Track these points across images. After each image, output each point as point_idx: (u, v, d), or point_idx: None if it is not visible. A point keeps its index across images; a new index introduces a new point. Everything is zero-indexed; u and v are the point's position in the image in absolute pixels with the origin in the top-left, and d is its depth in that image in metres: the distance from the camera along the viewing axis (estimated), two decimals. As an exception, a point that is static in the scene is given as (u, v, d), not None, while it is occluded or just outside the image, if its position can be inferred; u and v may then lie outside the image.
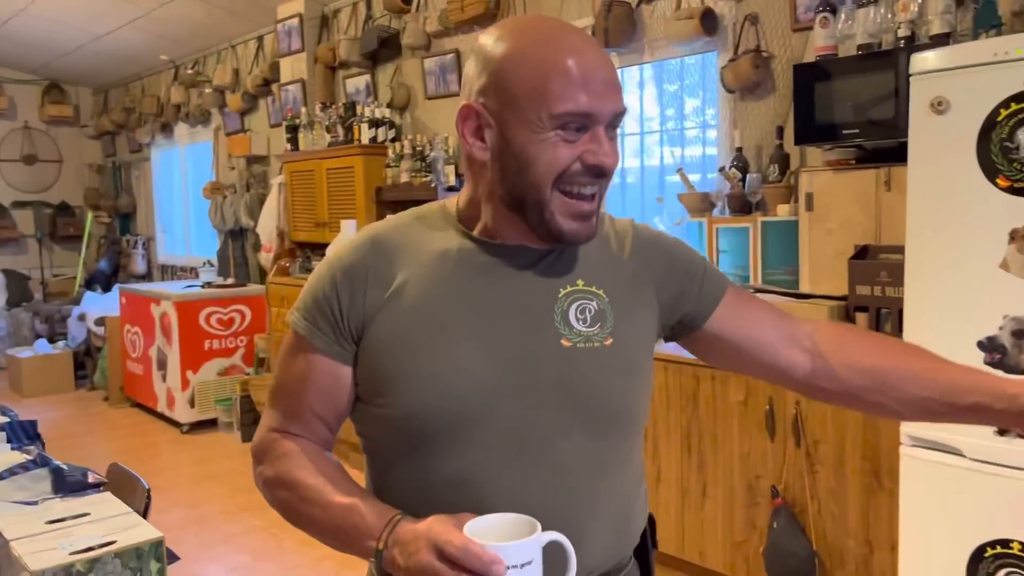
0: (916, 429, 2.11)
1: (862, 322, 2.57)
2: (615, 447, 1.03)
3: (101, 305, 6.94)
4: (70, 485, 2.01)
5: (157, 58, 7.22)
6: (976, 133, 1.96)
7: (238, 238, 6.58)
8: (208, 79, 6.69)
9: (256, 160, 6.35)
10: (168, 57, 7.14)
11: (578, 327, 1.01)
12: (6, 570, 1.22)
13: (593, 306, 1.03)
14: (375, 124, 4.75)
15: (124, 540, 1.16)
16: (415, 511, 0.97)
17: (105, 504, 1.31)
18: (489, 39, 1.01)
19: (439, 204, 1.11)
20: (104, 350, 6.46)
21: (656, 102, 3.83)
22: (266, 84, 5.98)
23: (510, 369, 0.98)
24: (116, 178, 8.65)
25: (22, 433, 2.39)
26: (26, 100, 8.48)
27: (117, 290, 6.52)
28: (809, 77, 2.72)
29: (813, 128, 2.73)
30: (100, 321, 6.57)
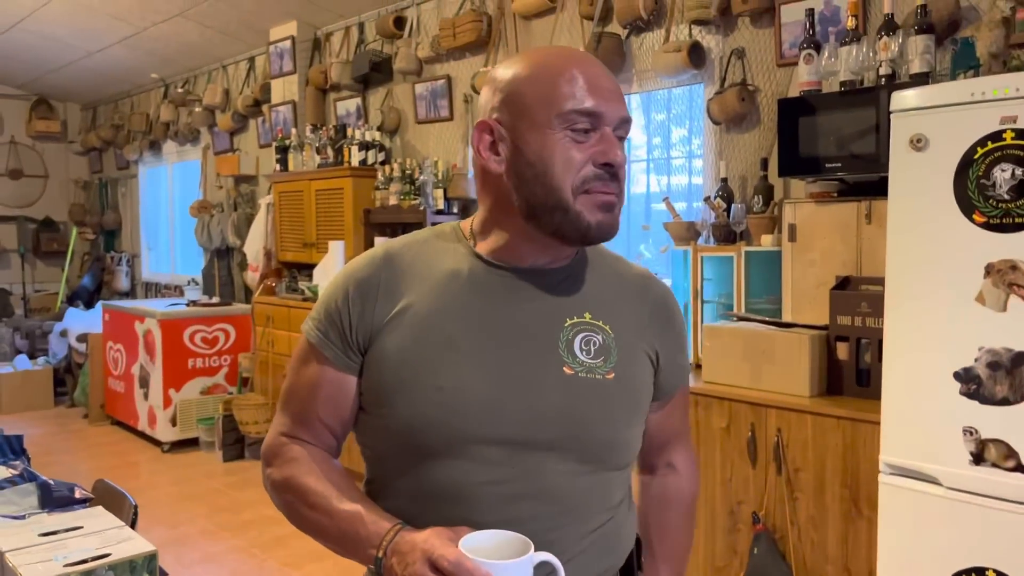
0: (894, 457, 2.15)
1: (843, 352, 2.62)
2: (604, 475, 1.06)
3: (84, 322, 6.90)
4: (57, 500, 2.01)
5: (147, 76, 7.24)
6: (953, 170, 2.02)
7: (224, 257, 6.58)
8: (198, 98, 6.72)
9: (244, 180, 6.37)
10: (158, 75, 7.17)
11: (582, 357, 1.04)
12: (-2, 582, 1.24)
13: (598, 339, 1.06)
14: (365, 147, 4.79)
15: (118, 553, 1.17)
16: (408, 521, 0.99)
17: (97, 518, 1.32)
18: (501, 68, 1.07)
19: (453, 224, 1.15)
20: (85, 367, 6.42)
21: (643, 131, 3.90)
22: (256, 105, 6.02)
23: (511, 390, 1.01)
24: (102, 194, 8.64)
25: (7, 448, 2.39)
26: (13, 115, 8.47)
27: (100, 307, 6.49)
28: (793, 111, 2.79)
29: (797, 161, 2.79)
30: (82, 338, 6.53)
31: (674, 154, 3.80)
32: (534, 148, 1.02)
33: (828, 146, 2.71)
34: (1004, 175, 1.94)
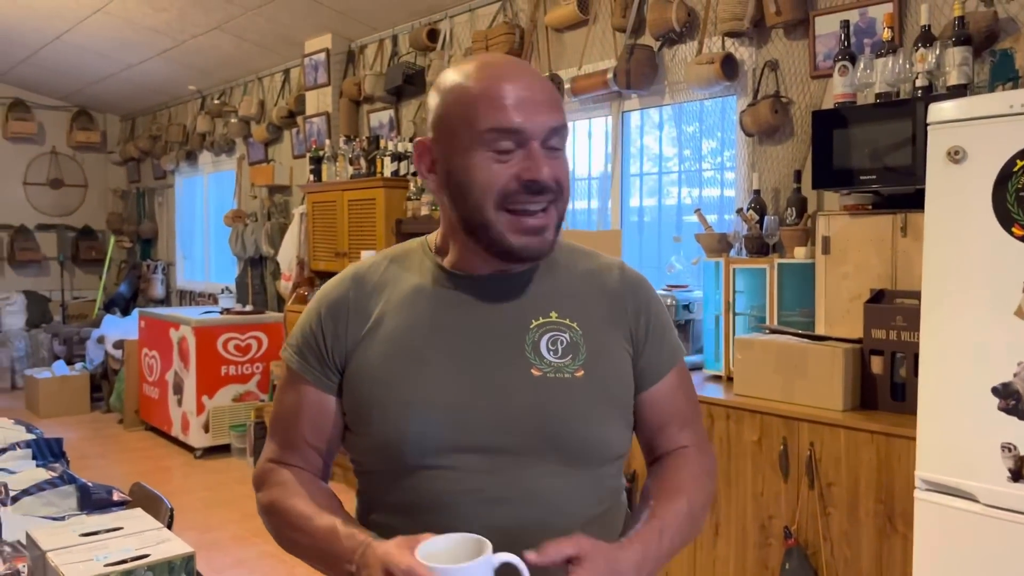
0: (931, 473, 2.13)
1: (877, 366, 2.59)
2: (588, 473, 1.05)
3: (120, 328, 7.02)
4: (95, 503, 2.05)
5: (185, 88, 7.38)
6: (992, 183, 2.00)
7: (257, 266, 6.67)
8: (234, 109, 6.83)
9: (278, 190, 6.46)
10: (196, 87, 7.30)
11: (549, 357, 1.04)
12: (41, 581, 1.27)
13: (565, 338, 1.06)
14: (397, 158, 4.84)
15: (157, 554, 1.20)
16: (400, 532, 1.01)
17: (137, 519, 1.35)
18: (438, 82, 1.08)
19: (420, 240, 1.17)
20: (121, 373, 6.53)
21: (674, 143, 3.90)
22: (291, 116, 6.11)
23: (480, 397, 1.02)
24: (139, 204, 8.79)
25: (47, 451, 2.44)
26: (55, 126, 8.67)
27: (136, 314, 6.60)
28: (828, 123, 2.77)
29: (831, 173, 2.77)
30: (118, 344, 6.65)
31: (705, 166, 3.79)
32: (460, 168, 1.02)
33: (863, 158, 2.69)
34: (1044, 188, 1.92)
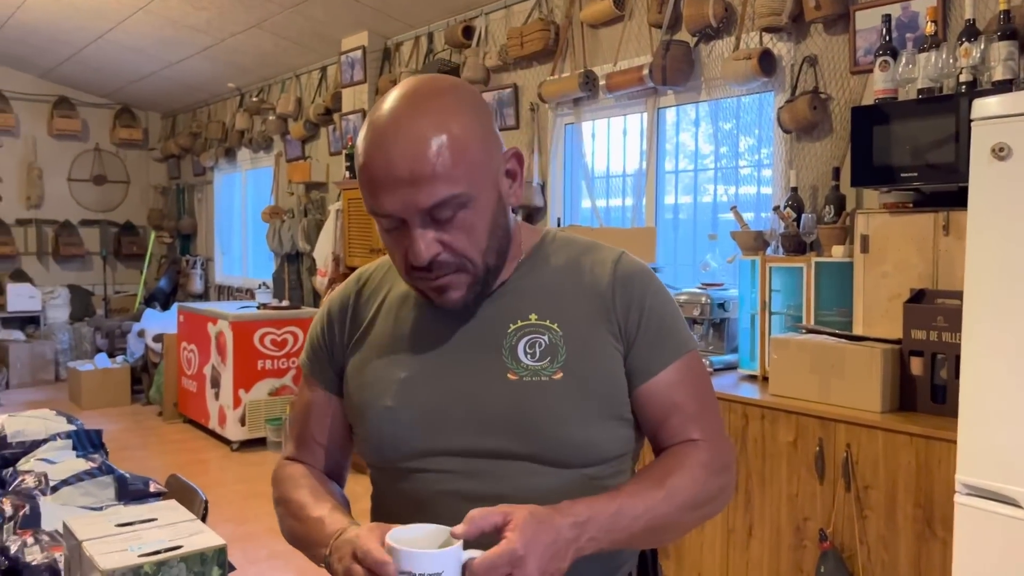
0: (972, 477, 2.08)
1: (917, 367, 2.54)
2: (577, 475, 1.02)
3: (160, 322, 7.14)
4: (132, 493, 2.09)
5: (224, 86, 7.48)
6: (1038, 180, 1.95)
7: (294, 262, 6.74)
8: (272, 107, 6.91)
9: (315, 186, 6.51)
10: (235, 85, 7.40)
11: (526, 361, 1.02)
12: (77, 569, 1.29)
13: (544, 340, 1.03)
14: (432, 155, 4.85)
15: (189, 545, 1.21)
16: None
17: (171, 511, 1.37)
18: None
19: None
20: (160, 366, 6.64)
21: (710, 140, 3.86)
22: (327, 113, 6.16)
23: (456, 402, 1.02)
24: (179, 200, 8.94)
25: (87, 442, 2.49)
26: (98, 123, 8.84)
27: (176, 308, 6.71)
28: (868, 119, 2.72)
29: (871, 170, 2.72)
30: (158, 338, 6.76)
31: (742, 163, 3.75)
32: (378, 232, 1.04)
33: (904, 155, 2.64)
34: (1093, 186, 1.86)
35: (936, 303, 2.55)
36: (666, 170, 4.05)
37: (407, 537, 0.88)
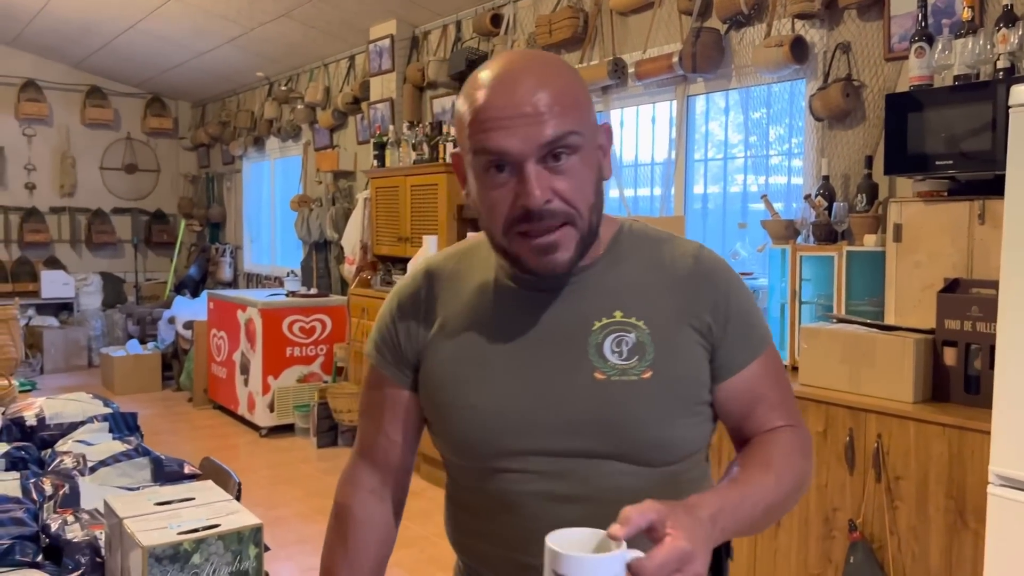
0: (1006, 468, 2.06)
1: (950, 357, 2.51)
2: (661, 473, 1.02)
3: (190, 309, 7.23)
4: (167, 475, 2.13)
5: (253, 75, 7.53)
6: (1078, 167, 1.92)
7: (322, 250, 6.79)
8: (300, 96, 6.95)
9: (343, 175, 6.55)
10: (263, 74, 7.45)
11: (613, 360, 1.00)
12: (118, 546, 1.31)
13: (631, 338, 1.01)
14: (460, 143, 4.85)
15: (227, 524, 1.24)
16: (477, 529, 1.04)
17: (208, 491, 1.39)
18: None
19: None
20: (191, 353, 6.73)
21: (740, 128, 3.83)
22: (356, 102, 6.18)
23: (543, 403, 1.00)
24: (209, 188, 9.03)
25: (123, 424, 2.53)
26: (130, 112, 8.94)
27: (205, 295, 6.79)
28: (902, 107, 2.69)
29: (905, 158, 2.69)
30: (188, 325, 6.85)
31: (772, 152, 3.71)
32: (472, 188, 1.00)
33: (939, 143, 2.60)
34: None
35: (971, 293, 2.52)
36: (695, 159, 4.02)
37: (564, 542, 0.82)
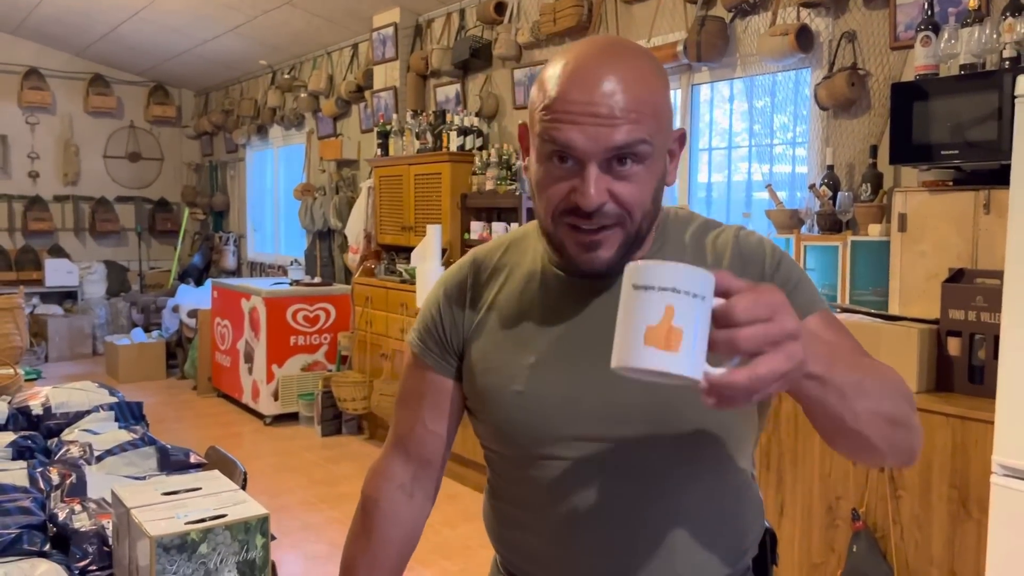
0: (1009, 459, 2.06)
1: (954, 347, 2.51)
2: (707, 461, 1.02)
3: (194, 298, 7.24)
4: (174, 464, 2.14)
5: (256, 63, 7.51)
6: (1084, 158, 1.91)
7: (325, 239, 6.79)
8: (304, 84, 6.93)
9: (346, 164, 6.54)
10: (266, 62, 7.43)
11: None
12: (125, 536, 1.32)
13: None
14: (463, 132, 4.85)
15: (234, 514, 1.24)
16: (519, 520, 1.04)
17: (214, 480, 1.40)
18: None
19: (536, 224, 1.12)
20: (195, 341, 6.74)
21: (745, 117, 3.82)
22: (359, 90, 6.17)
23: (592, 391, 0.99)
24: (212, 177, 9.02)
25: (128, 414, 2.54)
26: (133, 100, 8.93)
27: (209, 284, 6.80)
28: (908, 96, 2.68)
29: (910, 148, 2.68)
30: (192, 313, 6.86)
31: (776, 141, 3.70)
32: (532, 167, 0.99)
33: (944, 133, 2.59)
34: None
35: (975, 283, 2.52)
36: (699, 147, 4.01)
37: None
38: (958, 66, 2.62)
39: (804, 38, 3.22)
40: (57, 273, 8.14)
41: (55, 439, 2.34)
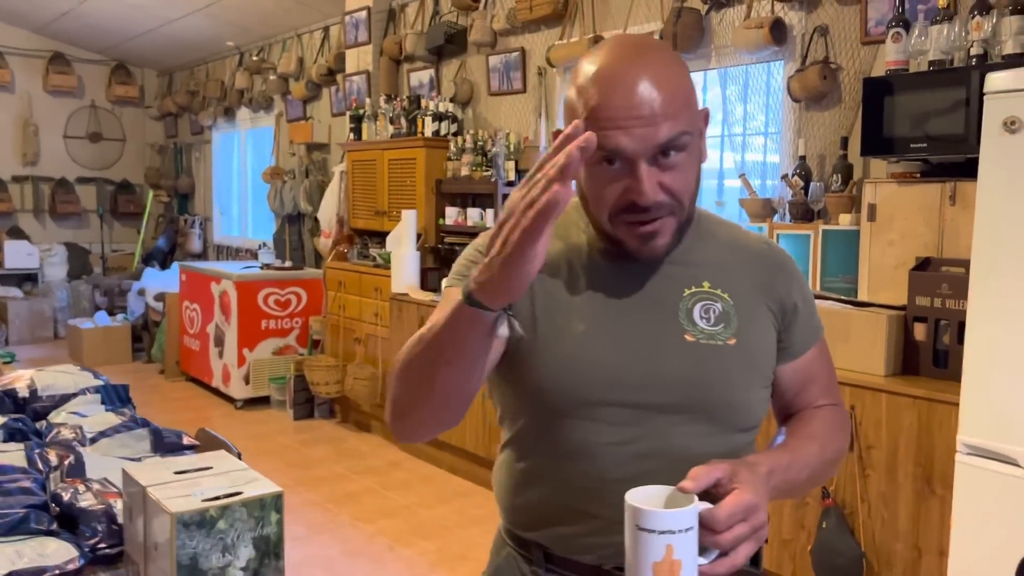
0: (973, 438, 2.17)
1: (920, 332, 2.63)
2: (730, 438, 1.09)
3: (160, 281, 7.17)
4: (167, 446, 2.16)
5: (223, 44, 7.42)
6: (1048, 153, 2.01)
7: (295, 222, 6.76)
8: (273, 66, 6.87)
9: (317, 147, 6.51)
10: (234, 44, 7.34)
11: (702, 325, 1.07)
12: (140, 514, 1.36)
13: (718, 307, 1.09)
14: (438, 118, 4.87)
15: (249, 491, 1.28)
16: (544, 477, 1.08)
17: (223, 460, 1.44)
18: (576, 64, 1.06)
19: (577, 203, 1.15)
20: (162, 325, 6.68)
21: (718, 107, 3.90)
22: (331, 74, 6.14)
23: (635, 358, 1.06)
24: (177, 159, 8.90)
25: (115, 396, 2.55)
26: (94, 80, 8.76)
27: (177, 267, 6.73)
28: (879, 90, 2.77)
29: (880, 140, 2.78)
30: (159, 297, 6.79)
31: (749, 131, 3.79)
32: (579, 172, 1.02)
33: (913, 126, 2.70)
34: (1101, 159, 1.93)
35: (941, 271, 2.63)
36: (673, 136, 4.08)
37: (641, 498, 0.89)
38: (927, 62, 2.72)
39: (778, 31, 3.31)
40: (16, 255, 7.99)
41: (43, 422, 2.35)
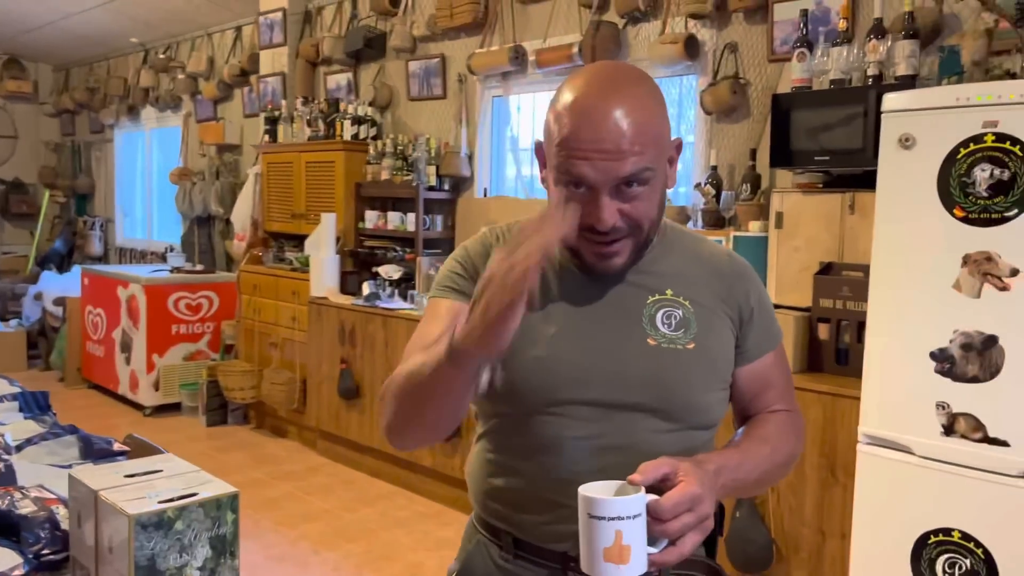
0: (872, 429, 2.36)
1: (824, 332, 2.82)
2: (689, 435, 1.17)
3: (59, 285, 6.87)
4: (97, 452, 2.12)
5: (127, 40, 7.18)
6: (938, 168, 2.21)
7: (205, 225, 6.60)
8: (181, 65, 6.70)
9: (228, 148, 6.39)
10: (138, 40, 7.12)
11: (663, 330, 1.16)
12: (89, 517, 1.36)
13: (679, 314, 1.17)
14: (357, 121, 4.87)
15: (204, 492, 1.30)
16: (514, 469, 1.15)
17: (173, 463, 1.45)
18: (559, 87, 1.14)
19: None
20: (62, 330, 6.42)
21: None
22: (243, 75, 6.04)
23: (601, 360, 1.14)
24: (75, 158, 8.54)
25: (34, 404, 2.48)
26: (-17, 73, 8.32)
27: (79, 270, 6.48)
28: (785, 106, 2.96)
29: (786, 153, 2.97)
30: (59, 301, 6.52)
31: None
32: (548, 187, 1.13)
33: (816, 140, 2.89)
34: (983, 174, 2.14)
35: (842, 275, 2.83)
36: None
37: (593, 489, 0.96)
38: (829, 81, 2.92)
39: (692, 47, 3.48)
40: None
41: (-39, 430, 2.26)
